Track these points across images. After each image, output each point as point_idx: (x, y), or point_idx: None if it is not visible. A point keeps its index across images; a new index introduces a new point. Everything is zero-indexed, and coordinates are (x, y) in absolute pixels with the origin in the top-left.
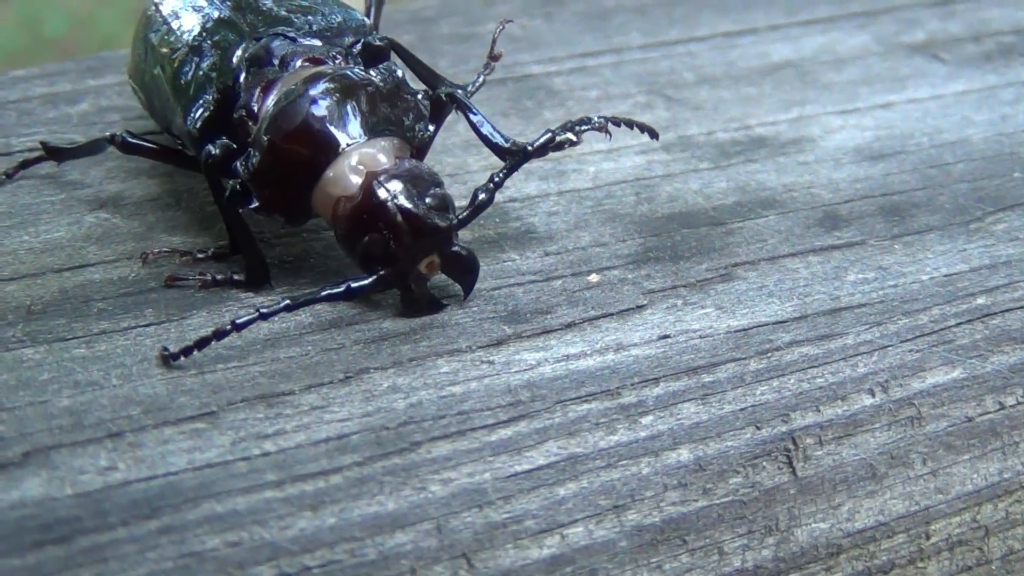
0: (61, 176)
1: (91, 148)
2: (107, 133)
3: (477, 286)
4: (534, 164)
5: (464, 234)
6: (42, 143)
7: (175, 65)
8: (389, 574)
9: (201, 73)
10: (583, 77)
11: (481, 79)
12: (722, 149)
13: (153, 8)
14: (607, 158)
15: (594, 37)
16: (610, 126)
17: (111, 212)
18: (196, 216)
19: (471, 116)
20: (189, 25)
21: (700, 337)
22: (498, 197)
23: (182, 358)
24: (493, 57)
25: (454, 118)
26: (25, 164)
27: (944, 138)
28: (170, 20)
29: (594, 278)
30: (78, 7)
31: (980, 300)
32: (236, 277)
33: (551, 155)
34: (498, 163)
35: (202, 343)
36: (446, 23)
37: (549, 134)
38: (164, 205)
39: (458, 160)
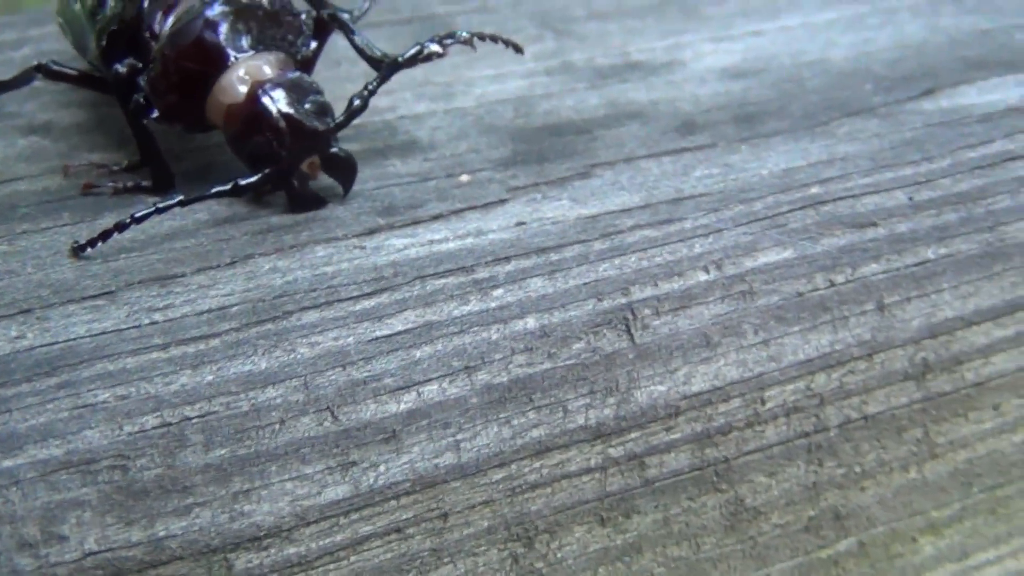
0: None
1: (22, 79)
2: (34, 63)
3: (359, 186)
4: (425, 87)
5: (354, 146)
6: None
7: None
8: (260, 424)
9: (111, 2)
10: (483, 15)
11: (367, 5)
12: (599, 72)
13: None
14: (493, 81)
15: None
16: (475, 40)
17: (41, 136)
18: (115, 138)
19: (349, 35)
20: None
21: (552, 224)
22: (389, 115)
23: (88, 249)
24: None
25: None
26: None
27: (806, 58)
28: None
29: (465, 178)
30: None
31: (814, 190)
32: (144, 184)
33: (440, 78)
34: None
35: (106, 234)
36: None
37: (418, 47)
38: (88, 129)
39: (359, 87)
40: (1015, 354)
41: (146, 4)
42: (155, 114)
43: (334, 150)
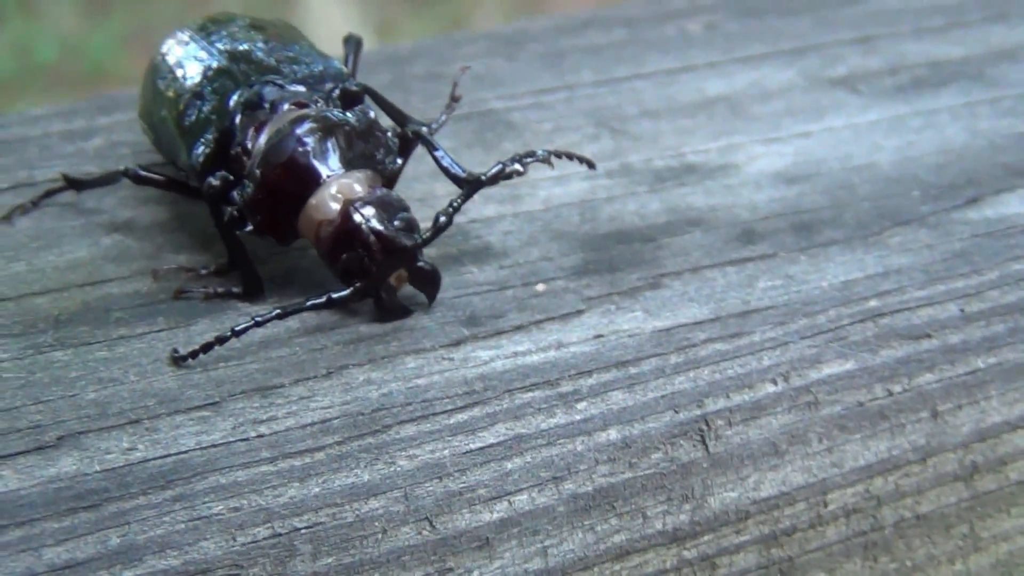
0: (80, 204)
1: (107, 179)
2: (121, 167)
3: (440, 295)
4: (493, 190)
5: (430, 251)
6: (63, 175)
7: (180, 108)
8: (364, 533)
9: (203, 116)
10: (539, 111)
11: (444, 117)
12: (658, 175)
13: (160, 57)
14: (557, 184)
15: (550, 75)
16: (552, 158)
17: (125, 235)
18: (199, 238)
19: (433, 151)
20: (192, 73)
21: (629, 336)
22: (460, 219)
23: (190, 360)
24: (454, 98)
25: (423, 151)
26: (49, 193)
27: (854, 162)
28: (175, 69)
29: (541, 287)
30: (69, 33)
31: (872, 303)
32: (235, 290)
33: (506, 182)
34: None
35: (207, 347)
36: (419, 63)
37: (500, 166)
38: (171, 228)
39: (427, 187)
40: None
41: (238, 119)
42: (248, 228)
43: (421, 264)
